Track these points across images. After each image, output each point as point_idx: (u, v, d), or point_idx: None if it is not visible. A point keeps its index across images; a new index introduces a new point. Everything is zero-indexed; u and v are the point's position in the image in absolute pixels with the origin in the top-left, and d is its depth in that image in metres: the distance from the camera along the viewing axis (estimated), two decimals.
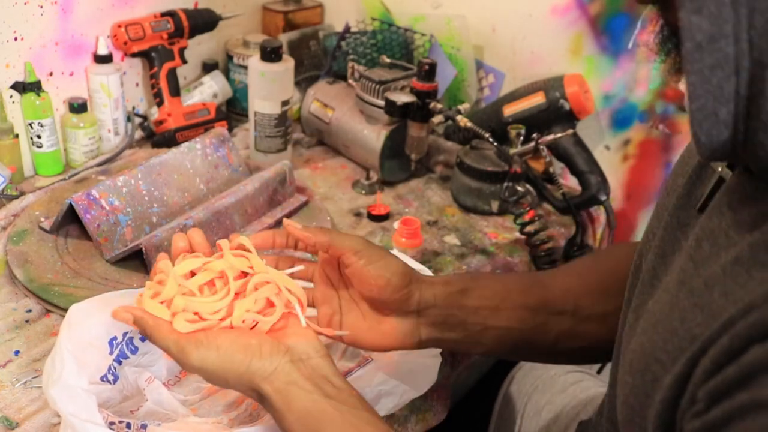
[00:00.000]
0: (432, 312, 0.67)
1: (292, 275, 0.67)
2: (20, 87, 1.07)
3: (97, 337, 0.69)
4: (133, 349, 0.71)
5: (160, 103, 1.24)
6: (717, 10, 0.39)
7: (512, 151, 1.09)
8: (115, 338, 0.70)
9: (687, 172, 0.56)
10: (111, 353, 0.70)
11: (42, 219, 0.98)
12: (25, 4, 1.04)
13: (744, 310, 0.39)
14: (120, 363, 0.70)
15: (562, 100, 1.16)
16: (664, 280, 0.51)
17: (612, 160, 1.24)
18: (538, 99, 1.17)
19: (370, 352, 0.77)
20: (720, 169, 0.50)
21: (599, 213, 1.19)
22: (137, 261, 0.90)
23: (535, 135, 1.09)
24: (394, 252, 0.85)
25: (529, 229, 1.02)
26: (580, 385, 0.97)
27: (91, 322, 0.68)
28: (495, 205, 1.12)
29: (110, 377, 0.69)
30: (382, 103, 1.15)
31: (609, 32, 1.19)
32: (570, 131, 1.12)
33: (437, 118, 1.12)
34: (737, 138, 0.41)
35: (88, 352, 0.67)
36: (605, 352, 0.71)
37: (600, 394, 0.94)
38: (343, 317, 0.69)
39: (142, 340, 0.72)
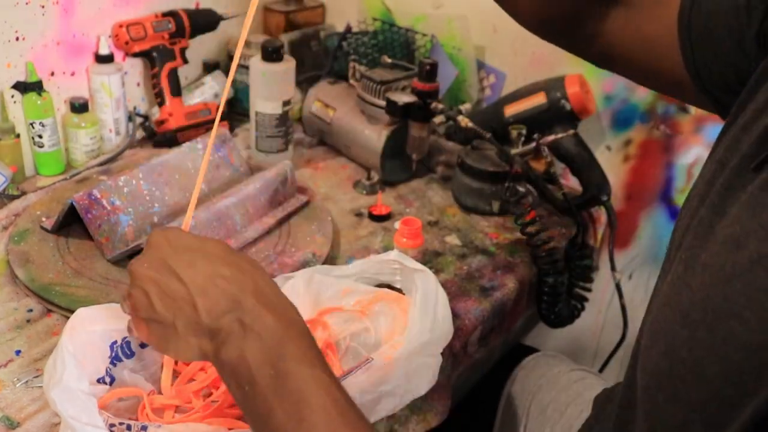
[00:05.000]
0: None
1: None
2: (22, 87, 1.07)
3: (100, 340, 0.69)
4: (128, 353, 0.71)
5: (161, 103, 1.24)
6: None
7: (513, 151, 1.09)
8: (115, 342, 0.70)
9: (753, 133, 0.52)
10: (109, 356, 0.70)
11: (43, 219, 0.98)
12: (26, 4, 1.04)
13: None
14: (115, 365, 0.70)
15: (563, 101, 1.16)
16: (723, 234, 0.48)
17: (613, 160, 1.24)
18: (539, 99, 1.17)
19: (371, 353, 0.77)
20: None
21: (600, 213, 1.19)
22: None
23: (536, 135, 1.09)
24: (395, 251, 0.85)
25: (530, 229, 1.02)
26: (584, 383, 0.97)
27: (95, 327, 0.68)
28: (496, 206, 1.12)
29: (107, 379, 0.70)
30: (383, 103, 1.15)
31: None
32: (571, 132, 1.12)
33: (438, 119, 1.12)
34: None
35: (88, 355, 0.67)
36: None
37: None
38: None
39: (142, 347, 0.73)
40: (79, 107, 1.13)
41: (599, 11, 0.73)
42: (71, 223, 0.95)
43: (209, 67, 1.36)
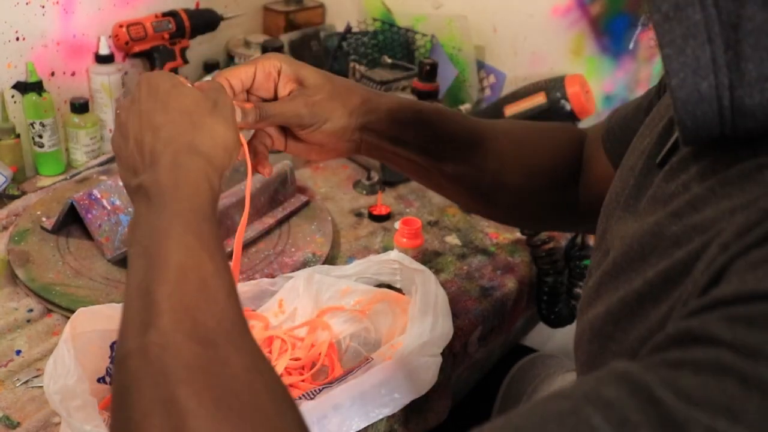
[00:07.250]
0: (370, 140, 0.71)
1: None
2: (22, 87, 1.07)
3: (101, 339, 0.69)
4: None
5: None
6: None
7: None
8: (115, 342, 0.70)
9: (654, 133, 0.55)
10: (110, 356, 0.70)
11: (43, 219, 0.98)
12: (27, 4, 1.05)
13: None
14: None
15: (563, 101, 1.16)
16: (639, 229, 0.49)
17: None
18: (539, 99, 1.17)
19: (371, 353, 0.78)
20: None
21: None
22: None
23: None
24: (395, 251, 0.85)
25: None
26: None
27: (96, 327, 0.68)
28: None
29: (107, 379, 0.70)
30: None
31: (610, 33, 1.18)
32: None
33: None
34: (723, 115, 0.39)
35: (89, 355, 0.67)
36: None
37: None
38: (288, 140, 0.72)
39: None
40: (80, 107, 1.13)
41: (573, 189, 0.79)
42: (71, 223, 0.95)
43: (209, 68, 1.36)
